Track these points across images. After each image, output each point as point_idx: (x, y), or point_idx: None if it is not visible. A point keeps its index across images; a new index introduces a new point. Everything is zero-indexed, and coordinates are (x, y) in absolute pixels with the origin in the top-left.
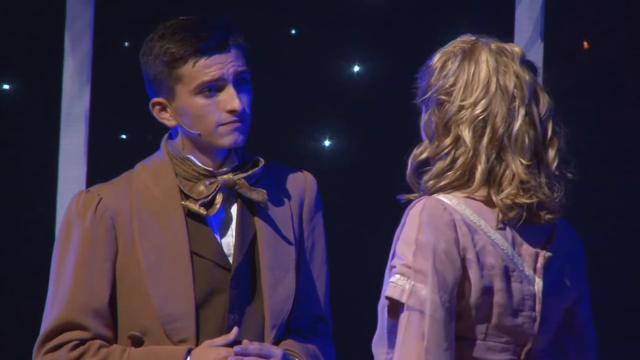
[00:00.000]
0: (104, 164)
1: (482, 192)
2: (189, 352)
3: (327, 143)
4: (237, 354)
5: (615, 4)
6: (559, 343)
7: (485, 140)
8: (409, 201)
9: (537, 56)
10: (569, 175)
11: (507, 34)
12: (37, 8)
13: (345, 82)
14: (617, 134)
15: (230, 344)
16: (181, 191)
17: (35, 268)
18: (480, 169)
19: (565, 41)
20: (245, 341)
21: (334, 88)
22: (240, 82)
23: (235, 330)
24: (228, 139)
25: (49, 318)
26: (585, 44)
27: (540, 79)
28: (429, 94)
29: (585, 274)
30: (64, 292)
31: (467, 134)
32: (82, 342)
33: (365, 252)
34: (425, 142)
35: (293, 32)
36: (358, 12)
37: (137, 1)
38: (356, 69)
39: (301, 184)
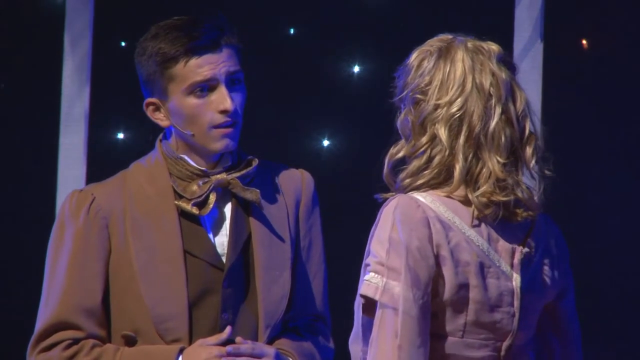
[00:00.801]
0: (104, 164)
1: (459, 191)
2: (181, 351)
3: (326, 143)
4: (229, 353)
5: (615, 4)
6: (544, 338)
7: (462, 138)
8: (386, 200)
9: (536, 56)
10: (548, 172)
11: (507, 34)
12: (37, 8)
13: (344, 82)
14: (616, 134)
15: (223, 343)
16: (175, 191)
17: (35, 268)
18: (458, 168)
19: (565, 41)
20: (238, 338)
21: (333, 88)
22: (232, 82)
23: (228, 329)
24: (219, 144)
25: (43, 318)
26: (585, 44)
27: (539, 76)
28: (405, 92)
29: (569, 269)
30: (57, 292)
31: (443, 133)
32: (76, 341)
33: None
34: (402, 141)
35: (292, 31)
36: (358, 12)
37: (137, 1)
38: (356, 69)
39: (298, 182)
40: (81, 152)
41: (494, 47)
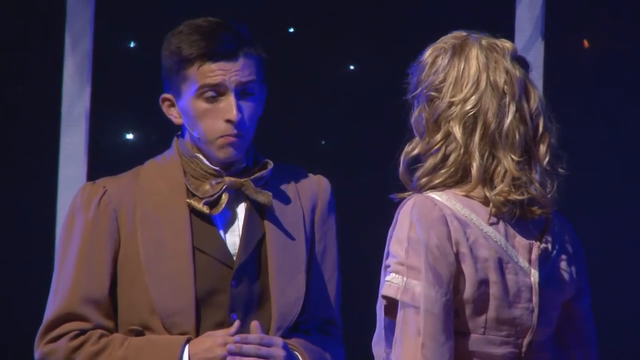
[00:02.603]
0: (104, 163)
1: (477, 191)
2: (187, 341)
3: (323, 142)
4: (237, 342)
5: (616, 3)
6: (562, 338)
7: (477, 137)
8: (402, 200)
9: (537, 56)
10: (561, 170)
11: (507, 34)
12: (37, 8)
13: (342, 82)
14: (617, 133)
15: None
16: (187, 189)
17: (35, 268)
18: (475, 166)
19: (566, 41)
20: (255, 323)
21: (332, 87)
22: (244, 93)
23: (237, 323)
24: (222, 152)
25: (51, 308)
26: (586, 43)
27: (539, 76)
28: (419, 90)
29: (584, 269)
30: (66, 283)
31: (457, 130)
32: (83, 332)
33: (364, 252)
34: (416, 138)
35: (292, 30)
36: (356, 11)
37: (137, 1)
38: (353, 67)
39: (315, 187)
40: (82, 151)
41: (507, 44)
